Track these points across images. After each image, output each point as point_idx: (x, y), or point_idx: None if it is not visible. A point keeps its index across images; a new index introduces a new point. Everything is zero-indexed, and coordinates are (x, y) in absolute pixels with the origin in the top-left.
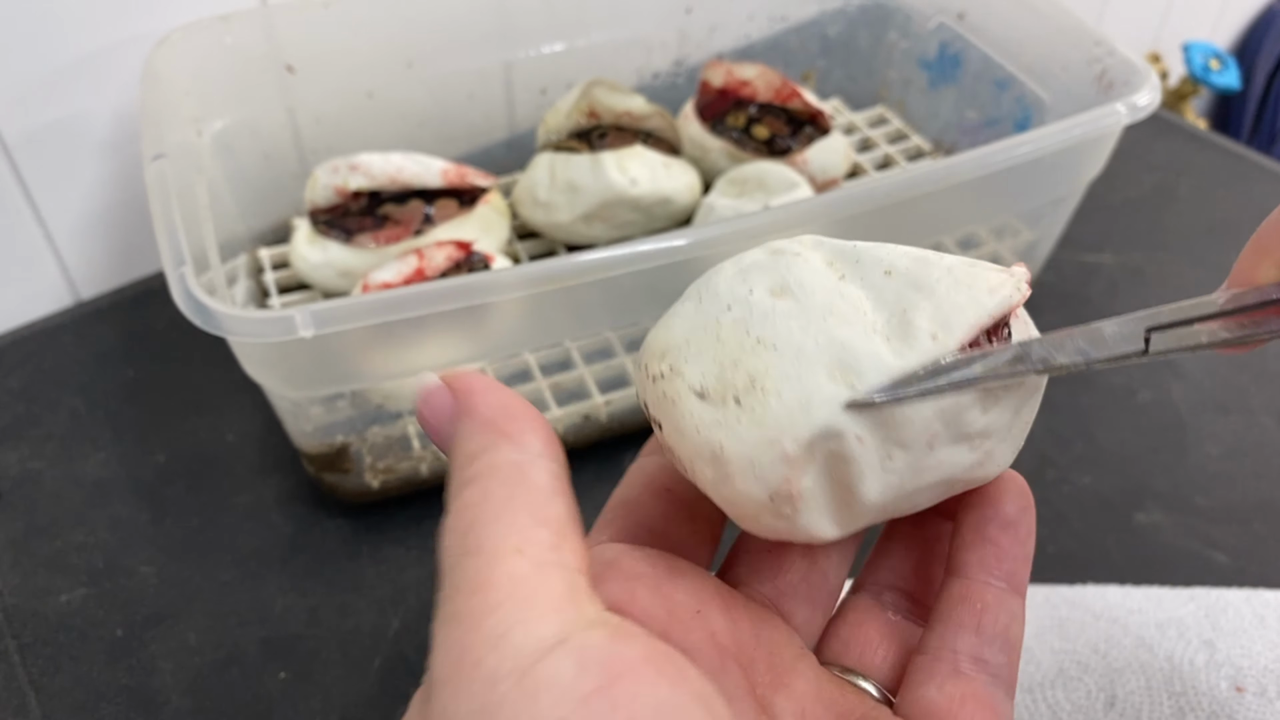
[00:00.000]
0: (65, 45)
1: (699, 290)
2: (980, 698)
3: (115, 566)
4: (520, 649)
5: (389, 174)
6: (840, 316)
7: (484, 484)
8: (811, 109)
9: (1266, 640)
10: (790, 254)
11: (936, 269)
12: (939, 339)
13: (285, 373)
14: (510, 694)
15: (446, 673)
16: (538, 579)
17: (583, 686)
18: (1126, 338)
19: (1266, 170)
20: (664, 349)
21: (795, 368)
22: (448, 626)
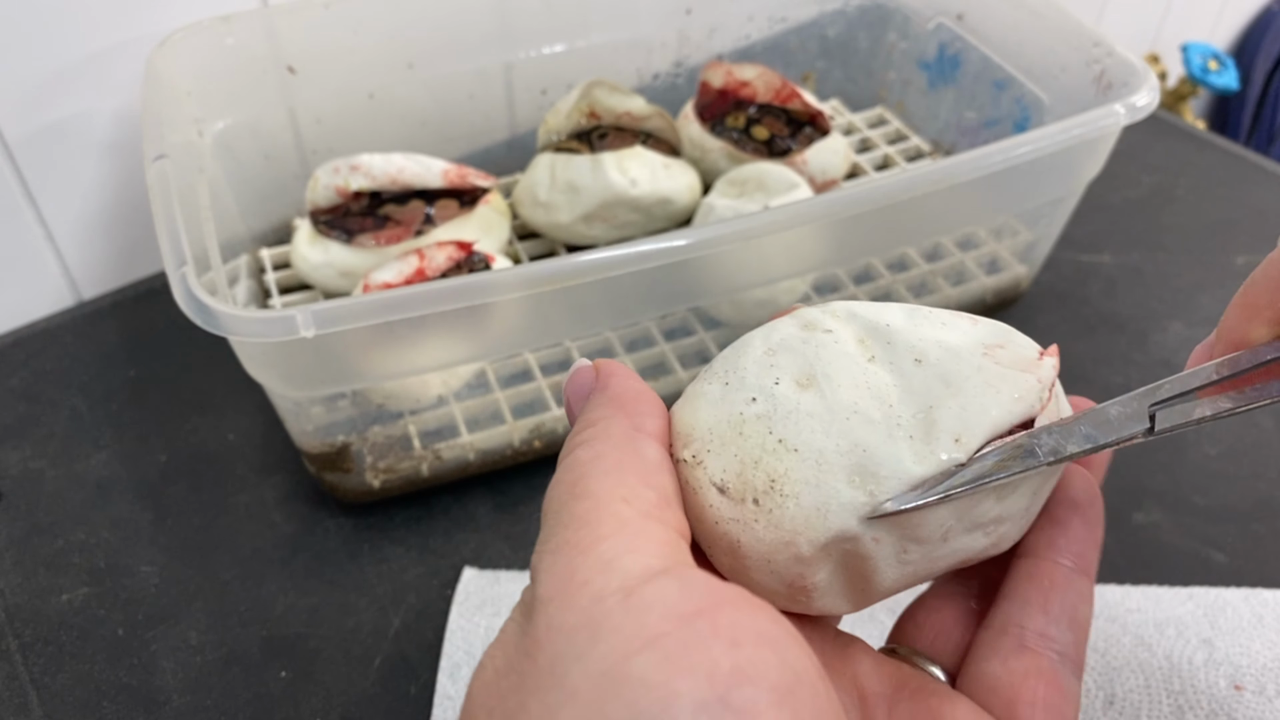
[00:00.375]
0: (66, 46)
1: (726, 369)
2: (1044, 673)
3: (116, 566)
4: (628, 571)
5: (390, 174)
6: (864, 416)
7: (597, 446)
8: (811, 110)
9: (1265, 639)
10: (821, 331)
11: (967, 365)
12: (961, 442)
13: (286, 372)
14: (616, 609)
15: (553, 591)
16: (643, 524)
17: (686, 607)
18: (1132, 417)
19: (1265, 171)
20: (688, 436)
21: (815, 473)
22: (554, 555)
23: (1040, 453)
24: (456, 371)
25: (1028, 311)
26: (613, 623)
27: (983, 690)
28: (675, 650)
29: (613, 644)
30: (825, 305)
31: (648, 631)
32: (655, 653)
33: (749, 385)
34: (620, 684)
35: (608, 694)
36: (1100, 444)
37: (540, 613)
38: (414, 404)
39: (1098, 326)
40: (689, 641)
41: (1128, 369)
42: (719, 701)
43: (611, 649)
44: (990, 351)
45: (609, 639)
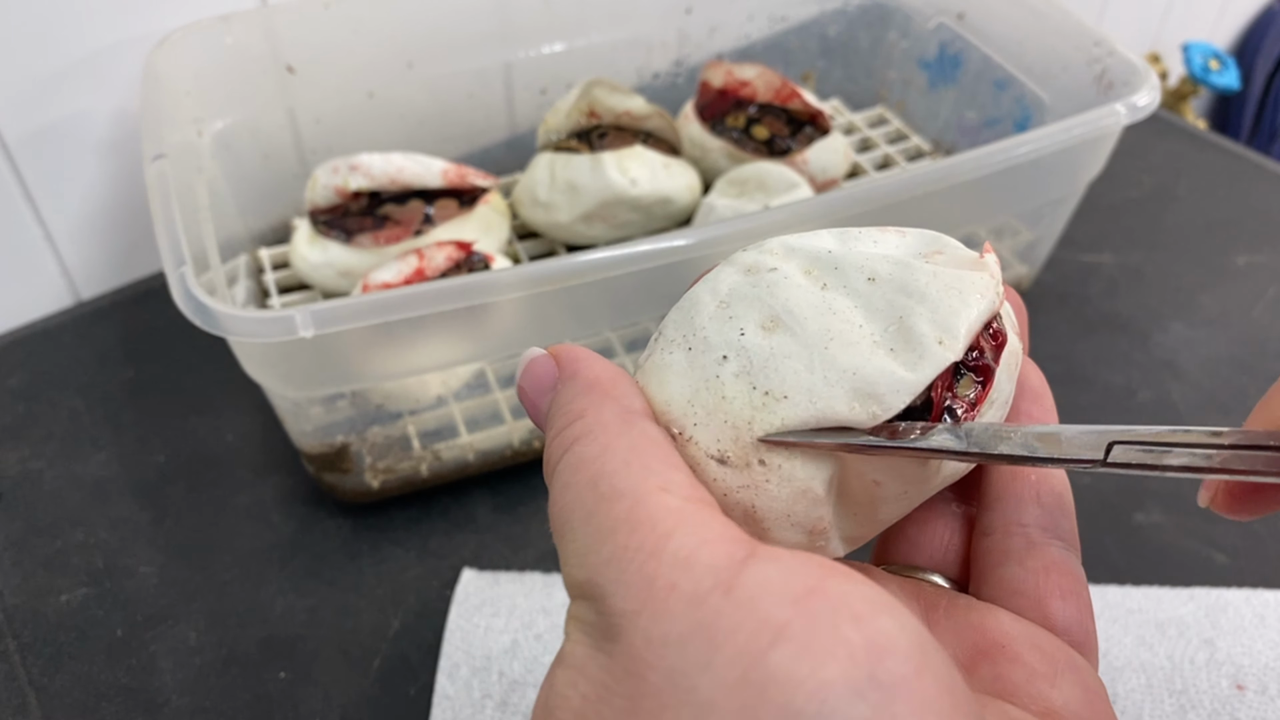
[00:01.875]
0: (66, 45)
1: (683, 334)
2: (1059, 564)
3: (115, 566)
4: (714, 566)
5: (389, 174)
6: (841, 339)
7: (599, 438)
8: (811, 109)
9: (1267, 639)
10: (767, 271)
11: (921, 274)
12: (945, 344)
13: (285, 373)
14: (723, 606)
15: (637, 603)
16: (696, 510)
17: (794, 588)
18: (1086, 445)
19: (1266, 170)
20: (667, 413)
21: (812, 409)
22: (617, 564)
23: (971, 441)
24: (456, 372)
25: (1028, 311)
26: (727, 622)
27: (1008, 595)
28: (805, 637)
29: (738, 644)
30: (759, 245)
31: (771, 624)
32: (789, 644)
33: (714, 344)
34: (764, 685)
35: (752, 698)
36: (1038, 455)
37: (629, 629)
38: (413, 404)
39: (1099, 326)
40: (816, 625)
41: (1129, 369)
42: (869, 680)
43: (740, 650)
44: (931, 258)
45: (732, 640)
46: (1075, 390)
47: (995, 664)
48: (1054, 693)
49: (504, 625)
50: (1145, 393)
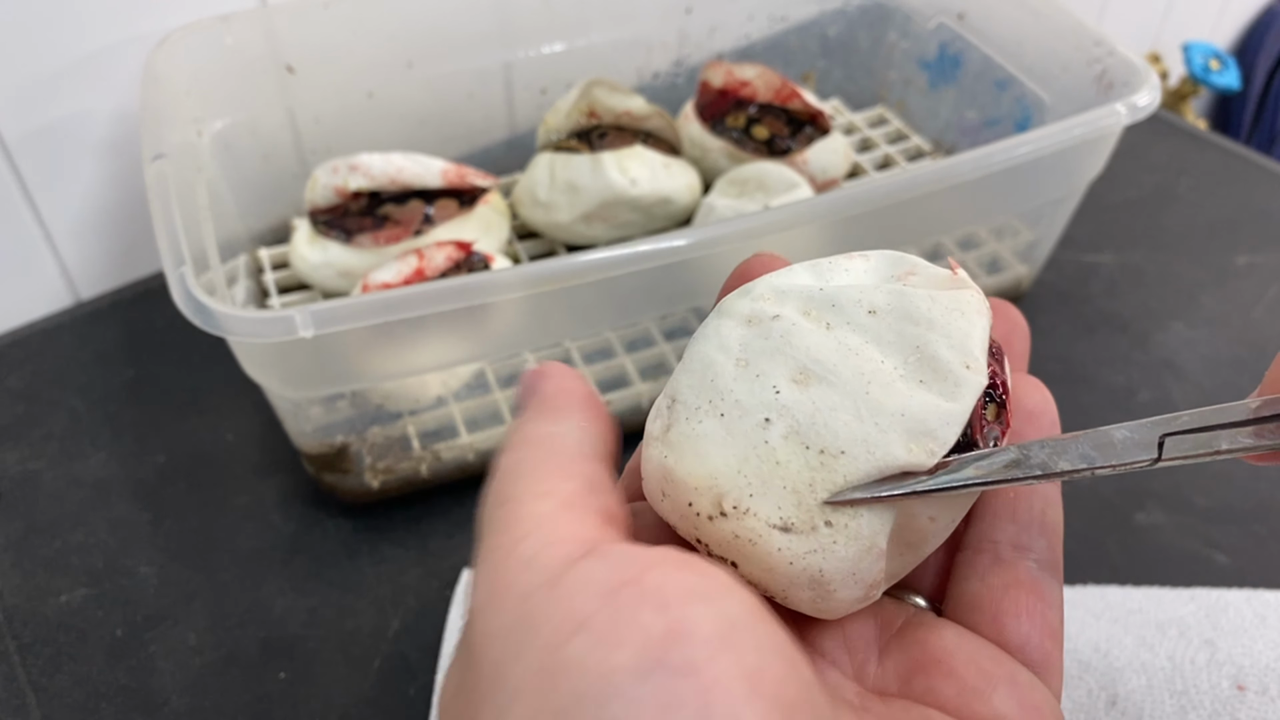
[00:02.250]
0: (65, 45)
1: (708, 399)
2: (1024, 584)
3: (115, 567)
4: (549, 564)
5: (389, 174)
6: (877, 381)
7: (518, 451)
8: (811, 109)
9: (1267, 639)
10: (769, 319)
11: (919, 300)
12: (973, 368)
13: (285, 373)
14: (543, 601)
15: (483, 599)
16: (565, 515)
17: (611, 582)
18: (1139, 444)
19: (1266, 170)
20: (714, 488)
21: (872, 462)
22: (481, 564)
23: (1029, 464)
24: (456, 372)
25: (1029, 312)
26: (542, 615)
27: (965, 610)
28: (605, 626)
29: (544, 635)
30: (744, 291)
31: (576, 615)
32: (587, 634)
33: (750, 406)
34: (558, 673)
35: (548, 685)
36: (1097, 465)
37: (475, 623)
38: (413, 404)
39: (1099, 326)
40: (618, 615)
41: (1129, 369)
42: (658, 666)
43: (544, 641)
44: (906, 279)
45: (541, 632)
46: (1076, 390)
47: (929, 677)
48: (984, 708)
49: None
50: (1145, 393)
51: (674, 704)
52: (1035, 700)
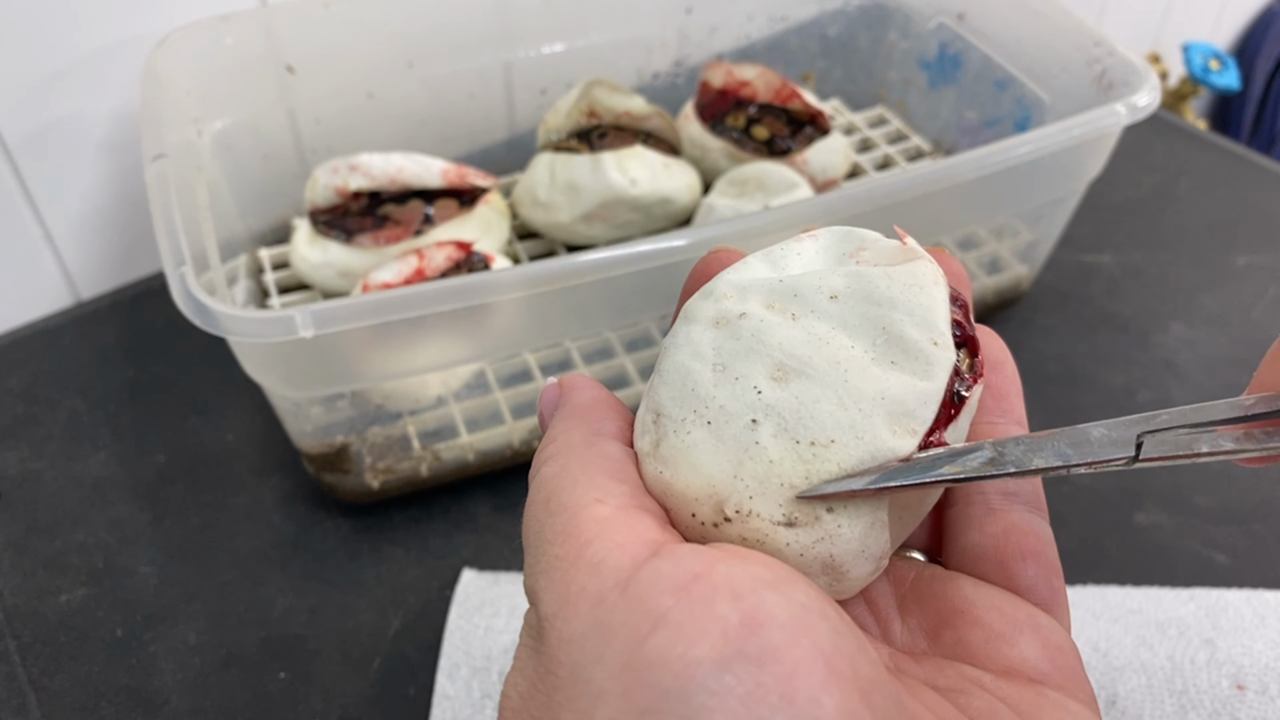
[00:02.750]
0: (66, 45)
1: (692, 409)
2: (1019, 526)
3: (115, 566)
4: (618, 567)
5: (389, 174)
6: (852, 368)
7: (561, 460)
8: (811, 109)
9: (1267, 639)
10: (736, 318)
11: (878, 279)
12: (940, 344)
13: (285, 373)
14: (618, 604)
15: (555, 607)
16: (623, 518)
17: (682, 578)
18: (1116, 442)
19: (1266, 171)
20: (712, 496)
21: (862, 449)
22: (547, 574)
23: (1004, 463)
24: (456, 372)
25: (1029, 312)
26: (618, 618)
27: (971, 561)
28: (683, 620)
29: (624, 636)
30: (705, 293)
31: (653, 613)
32: (665, 630)
33: (735, 411)
34: (641, 670)
35: (632, 683)
36: (1073, 463)
37: (549, 630)
38: (413, 404)
39: (1099, 327)
40: (693, 608)
41: (1129, 369)
42: (738, 655)
43: (624, 641)
44: (857, 256)
45: (619, 633)
46: (1076, 390)
47: (956, 629)
48: (1013, 651)
49: (504, 625)
50: (1145, 393)
51: (757, 691)
52: (1056, 641)
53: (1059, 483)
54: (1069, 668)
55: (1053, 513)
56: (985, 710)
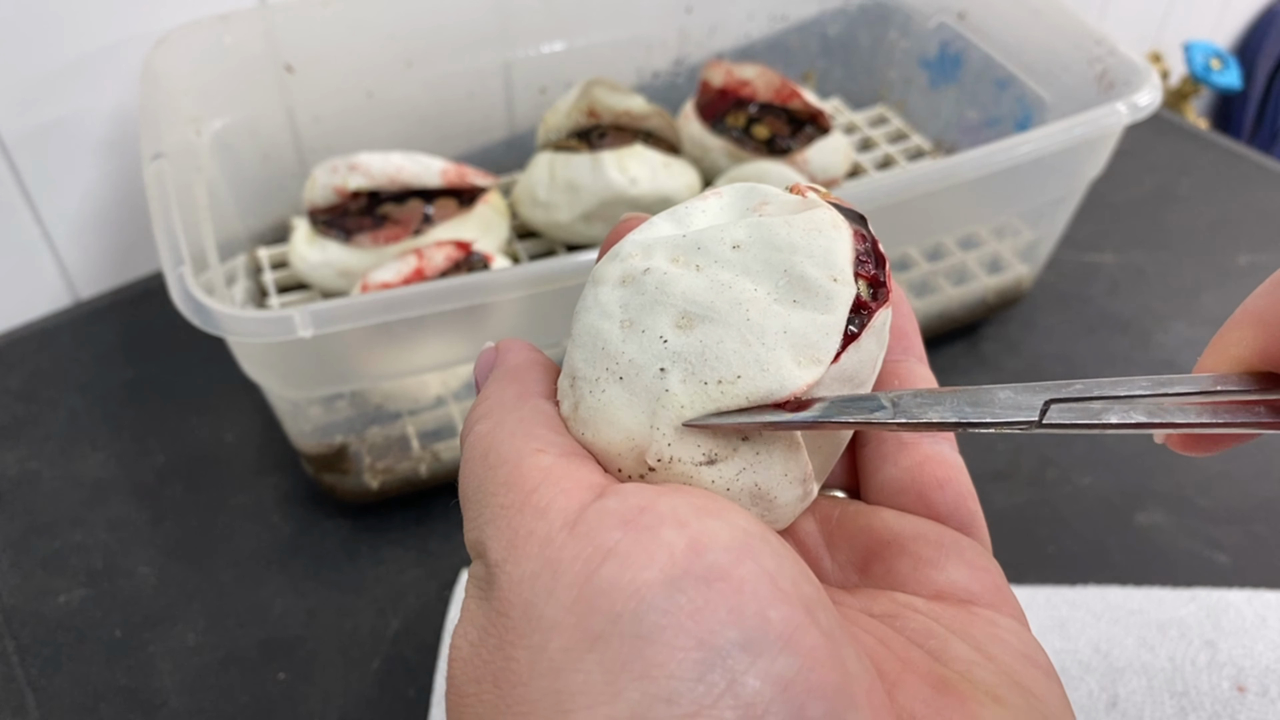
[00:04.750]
0: (64, 45)
1: (604, 368)
2: (932, 457)
3: (114, 567)
4: (565, 509)
5: (388, 174)
6: (754, 307)
7: (495, 417)
8: (811, 109)
9: (1268, 640)
10: (641, 274)
11: (779, 227)
12: (840, 280)
13: (284, 373)
14: (566, 542)
15: (504, 553)
16: (565, 464)
17: (627, 512)
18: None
19: (1267, 170)
20: (634, 448)
21: (767, 380)
22: (493, 525)
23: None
24: (455, 371)
25: (1030, 312)
26: (568, 553)
27: (891, 495)
28: (631, 549)
29: (574, 570)
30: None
31: (602, 546)
32: (613, 560)
33: (644, 363)
34: (592, 599)
35: (584, 613)
36: (970, 420)
37: (499, 575)
38: (412, 404)
39: (1100, 326)
40: (639, 537)
41: (1130, 369)
42: (686, 574)
43: (575, 575)
44: (759, 209)
45: (570, 567)
46: None
47: (884, 560)
48: (941, 576)
49: None
50: None
51: (706, 608)
52: (981, 562)
53: (1059, 482)
54: (995, 586)
55: (1053, 512)
56: (921, 630)
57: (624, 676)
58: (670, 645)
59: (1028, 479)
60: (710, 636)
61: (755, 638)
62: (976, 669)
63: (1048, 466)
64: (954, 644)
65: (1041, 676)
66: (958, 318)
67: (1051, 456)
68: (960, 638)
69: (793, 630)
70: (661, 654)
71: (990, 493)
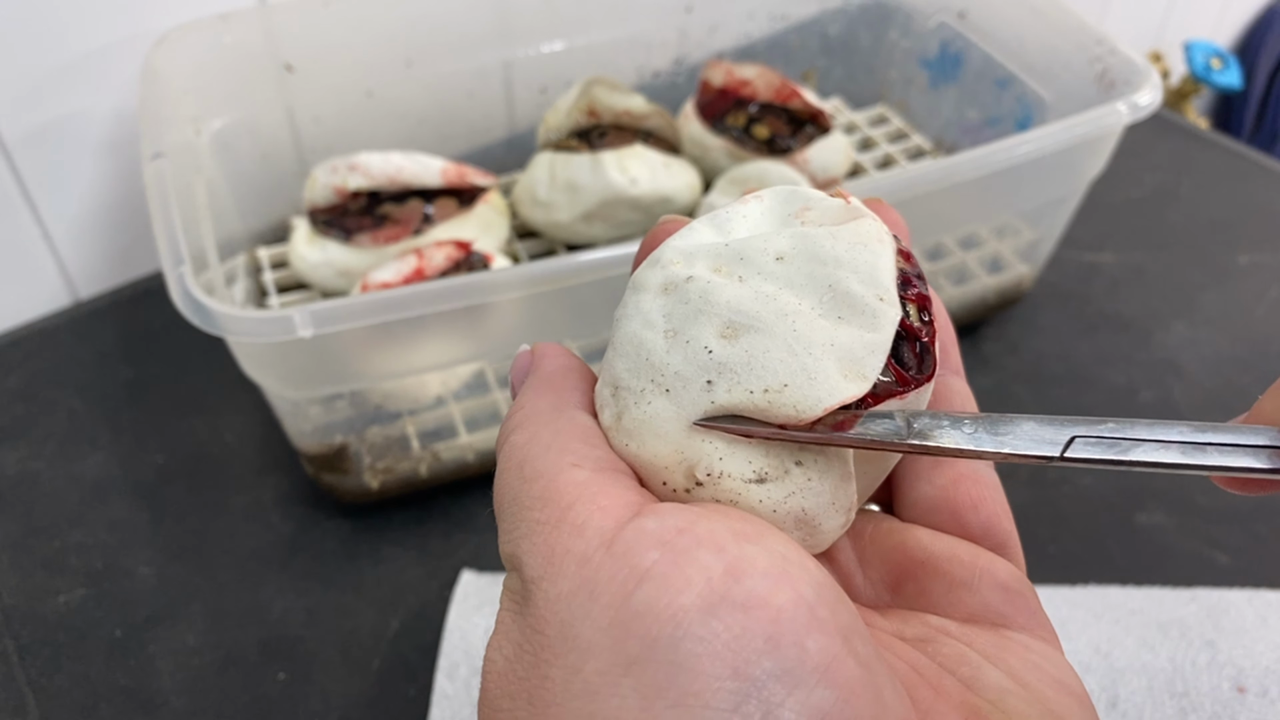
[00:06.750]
0: (65, 45)
1: (650, 379)
2: (966, 475)
3: (114, 567)
4: (602, 528)
5: (388, 173)
6: (802, 318)
7: (530, 427)
8: (812, 108)
9: (1268, 641)
10: (683, 282)
11: (823, 239)
12: (886, 299)
13: (284, 373)
14: (604, 562)
15: (540, 570)
16: (601, 480)
17: (665, 533)
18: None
19: (1267, 170)
20: (681, 460)
21: (816, 388)
22: (529, 538)
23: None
24: (455, 371)
25: (1030, 311)
26: (605, 574)
27: (925, 513)
28: (668, 572)
29: (611, 591)
30: (652, 261)
31: (638, 568)
32: (650, 583)
33: (691, 374)
34: (629, 622)
35: (620, 636)
36: (985, 450)
37: (535, 592)
38: (412, 404)
39: (1100, 326)
40: (677, 560)
41: (1130, 369)
42: (723, 601)
43: (612, 596)
44: (804, 215)
45: (606, 588)
46: (1077, 390)
47: (918, 580)
48: (974, 598)
49: None
50: (1147, 393)
51: (743, 635)
52: (1015, 585)
53: (1059, 482)
54: (1029, 608)
55: (1054, 512)
56: (954, 656)
57: (659, 704)
58: (706, 674)
59: (1028, 479)
60: (746, 666)
61: (792, 668)
62: (1010, 698)
63: (1048, 466)
64: (987, 671)
65: (1075, 705)
66: (958, 318)
67: None
68: (994, 664)
69: (830, 661)
70: (697, 683)
71: None
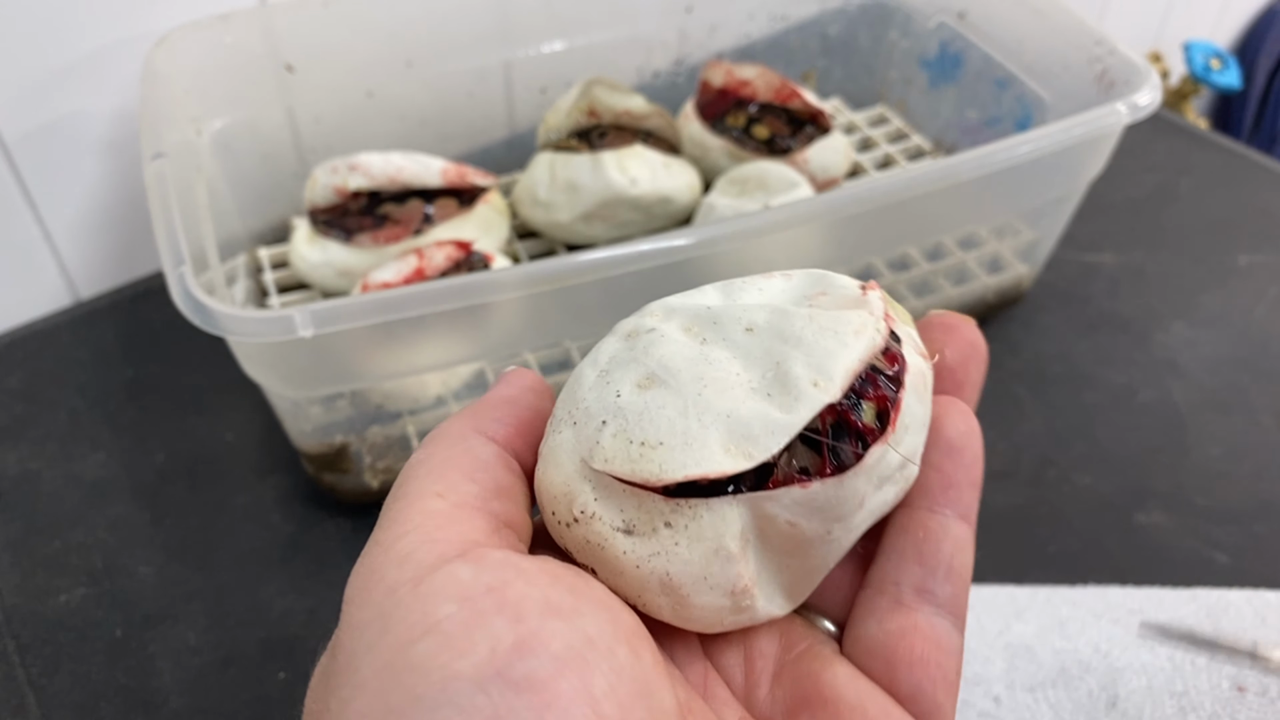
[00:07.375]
0: (65, 45)
1: (569, 411)
2: (922, 630)
3: (114, 566)
4: (421, 562)
5: (389, 174)
6: (716, 386)
7: (430, 448)
8: (812, 108)
9: (1268, 640)
10: (644, 333)
11: (798, 319)
12: (820, 385)
13: (284, 373)
14: (405, 599)
15: (355, 591)
16: (452, 514)
17: (474, 588)
18: None
19: (1267, 170)
20: (565, 494)
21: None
22: (364, 558)
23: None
24: (455, 371)
25: (1030, 311)
26: (400, 612)
27: (862, 652)
28: (455, 631)
29: (397, 633)
30: (641, 310)
31: (431, 616)
32: (435, 637)
33: (594, 412)
34: (401, 672)
35: (389, 683)
36: None
37: (345, 612)
38: (413, 404)
39: (1100, 326)
40: (470, 621)
41: (1130, 369)
42: (498, 677)
43: (396, 638)
44: (814, 300)
45: (395, 629)
46: (1077, 390)
47: (814, 715)
48: None
49: None
50: (1146, 393)
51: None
52: None
53: (1059, 482)
54: None
55: (1053, 512)
56: None
57: None
58: None
59: (1028, 479)
60: None
61: None
62: None
63: (1048, 466)
64: None
65: None
66: None
67: (1051, 456)
68: None
69: None
70: None
71: (990, 492)
